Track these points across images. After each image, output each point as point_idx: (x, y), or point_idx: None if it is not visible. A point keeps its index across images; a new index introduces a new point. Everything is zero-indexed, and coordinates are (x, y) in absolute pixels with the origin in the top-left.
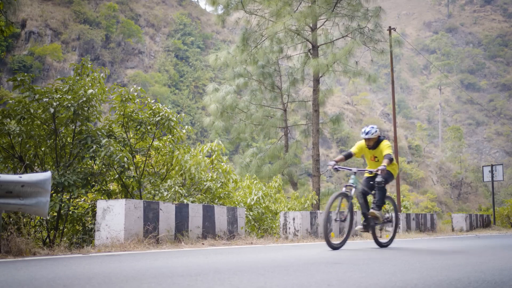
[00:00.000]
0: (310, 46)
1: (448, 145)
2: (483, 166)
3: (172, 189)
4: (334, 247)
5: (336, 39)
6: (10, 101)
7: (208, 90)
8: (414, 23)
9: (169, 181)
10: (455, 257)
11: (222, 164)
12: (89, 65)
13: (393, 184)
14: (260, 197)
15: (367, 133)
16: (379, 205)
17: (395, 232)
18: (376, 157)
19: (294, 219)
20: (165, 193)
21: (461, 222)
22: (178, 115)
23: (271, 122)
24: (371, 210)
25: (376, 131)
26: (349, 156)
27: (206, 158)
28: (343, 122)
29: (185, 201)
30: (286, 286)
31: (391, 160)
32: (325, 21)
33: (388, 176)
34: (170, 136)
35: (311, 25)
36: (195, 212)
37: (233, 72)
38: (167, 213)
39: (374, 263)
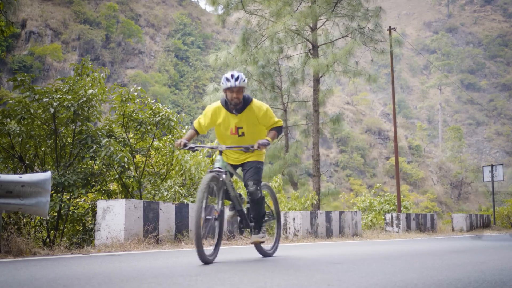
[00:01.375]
0: (310, 46)
1: (448, 145)
2: (483, 166)
3: (172, 189)
4: (206, 260)
5: (336, 39)
6: (10, 101)
7: (208, 90)
8: (414, 23)
9: (169, 181)
10: (455, 257)
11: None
12: (89, 65)
13: (393, 184)
14: None
15: (236, 79)
16: (259, 223)
17: (278, 235)
18: (240, 128)
19: (294, 219)
20: (165, 193)
21: (461, 222)
22: (178, 115)
23: None
24: (253, 238)
25: (245, 80)
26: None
27: (206, 158)
28: (343, 122)
29: (185, 201)
30: (286, 286)
31: (281, 132)
32: (325, 21)
33: (260, 171)
34: (170, 136)
35: (311, 25)
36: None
37: None
38: (167, 213)
39: (374, 263)
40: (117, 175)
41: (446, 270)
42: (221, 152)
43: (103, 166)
